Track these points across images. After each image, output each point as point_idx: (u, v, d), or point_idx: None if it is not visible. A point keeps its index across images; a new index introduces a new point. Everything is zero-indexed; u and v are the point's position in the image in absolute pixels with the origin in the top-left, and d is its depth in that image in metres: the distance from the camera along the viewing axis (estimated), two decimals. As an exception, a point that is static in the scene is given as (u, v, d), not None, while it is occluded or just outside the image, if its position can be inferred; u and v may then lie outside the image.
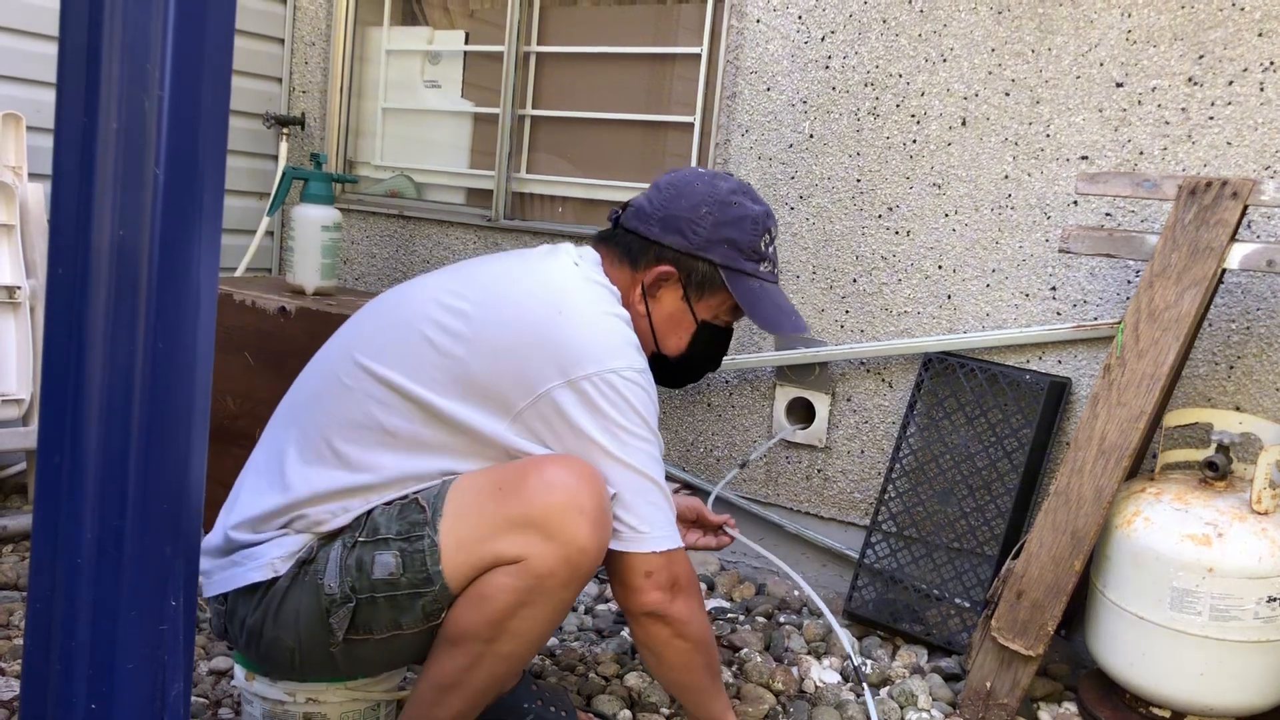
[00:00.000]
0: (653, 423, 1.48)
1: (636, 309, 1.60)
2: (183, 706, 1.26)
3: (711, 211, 1.57)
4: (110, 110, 1.10)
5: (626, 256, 1.61)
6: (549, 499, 1.37)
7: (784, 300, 1.66)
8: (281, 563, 1.45)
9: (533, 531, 1.37)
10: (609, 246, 1.64)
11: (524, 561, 1.37)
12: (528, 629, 1.41)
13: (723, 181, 1.62)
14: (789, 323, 1.63)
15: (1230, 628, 1.84)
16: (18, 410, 2.54)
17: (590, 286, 1.53)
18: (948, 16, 2.45)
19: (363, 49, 3.52)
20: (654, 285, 1.60)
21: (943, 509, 2.40)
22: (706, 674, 1.60)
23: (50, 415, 1.17)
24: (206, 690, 1.89)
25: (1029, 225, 2.38)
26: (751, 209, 1.61)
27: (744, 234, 1.59)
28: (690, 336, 1.65)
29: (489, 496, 1.40)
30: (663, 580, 1.47)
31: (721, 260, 1.59)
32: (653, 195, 1.61)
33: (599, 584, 2.55)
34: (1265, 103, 2.13)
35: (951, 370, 2.43)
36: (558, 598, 1.40)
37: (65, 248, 1.14)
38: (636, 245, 1.60)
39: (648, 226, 1.59)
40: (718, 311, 1.64)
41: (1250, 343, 2.17)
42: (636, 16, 3.02)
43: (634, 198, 1.65)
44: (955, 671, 2.20)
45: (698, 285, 1.60)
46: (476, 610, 1.39)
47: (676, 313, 1.62)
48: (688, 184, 1.60)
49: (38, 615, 1.18)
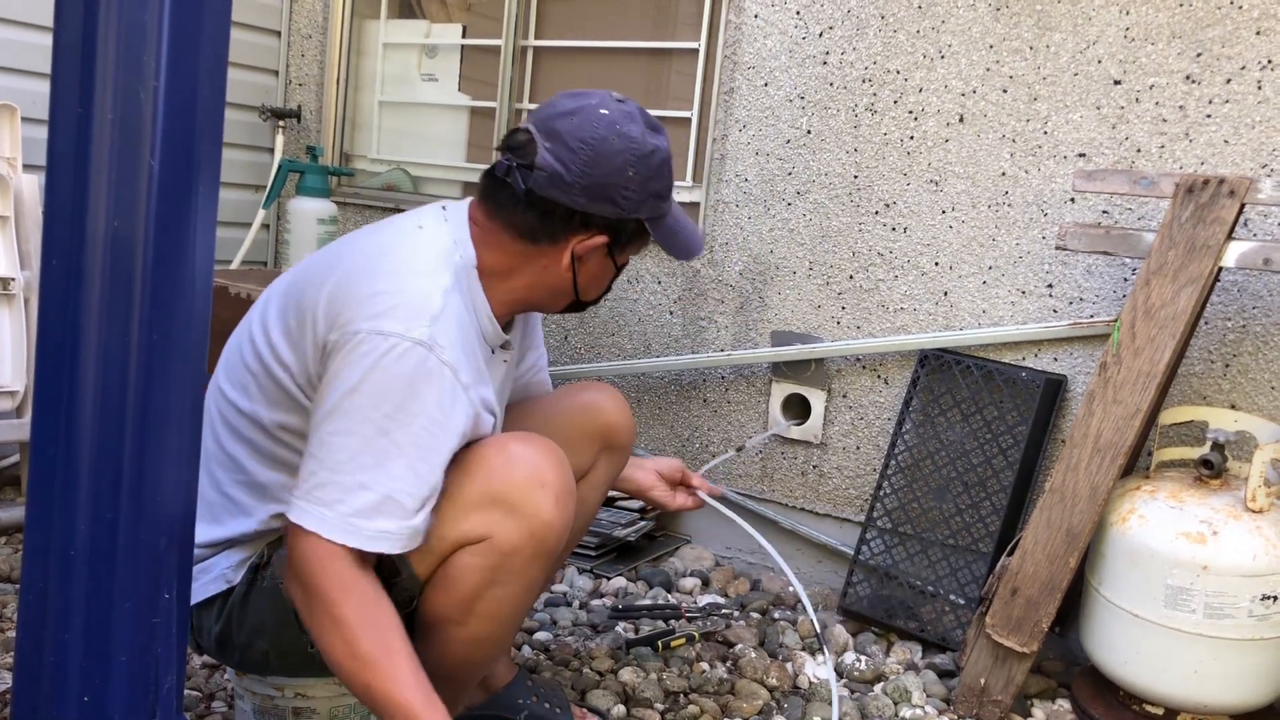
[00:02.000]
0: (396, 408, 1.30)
1: (561, 275, 1.49)
2: (175, 699, 1.26)
3: (638, 171, 1.44)
4: (105, 101, 1.10)
5: (543, 226, 1.45)
6: (511, 475, 1.37)
7: (684, 218, 1.58)
8: (233, 571, 1.45)
9: (495, 508, 1.36)
10: (500, 209, 1.46)
11: (489, 539, 1.36)
12: (498, 609, 1.41)
13: (630, 125, 1.45)
14: (696, 242, 1.58)
15: (1224, 625, 1.84)
16: (11, 402, 2.53)
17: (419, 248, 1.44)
18: (946, 13, 2.45)
19: (359, 42, 3.52)
20: (585, 255, 1.49)
21: (938, 505, 2.40)
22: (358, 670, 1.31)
23: (44, 407, 1.16)
24: (200, 683, 1.88)
25: (1026, 222, 2.38)
26: (663, 147, 1.49)
27: (664, 180, 1.50)
28: (610, 281, 1.59)
29: (451, 479, 1.39)
30: (300, 559, 1.31)
31: (649, 214, 1.50)
32: (566, 158, 1.41)
33: (593, 579, 2.55)
34: (1263, 101, 2.13)
35: (947, 367, 2.43)
36: (525, 574, 1.39)
37: (60, 239, 1.14)
38: (558, 214, 1.44)
39: (571, 196, 1.42)
40: (636, 253, 1.58)
41: (1246, 341, 2.17)
42: (634, 11, 3.01)
43: (536, 152, 1.42)
44: (949, 668, 2.20)
45: (624, 241, 1.51)
46: (445, 593, 1.39)
47: (601, 270, 1.54)
48: (603, 141, 1.42)
49: (31, 608, 1.17)
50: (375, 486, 1.29)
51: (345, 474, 1.29)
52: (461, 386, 1.36)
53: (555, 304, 1.56)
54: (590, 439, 1.74)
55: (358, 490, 1.28)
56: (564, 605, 2.38)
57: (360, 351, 1.30)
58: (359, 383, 1.29)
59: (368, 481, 1.28)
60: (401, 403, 1.30)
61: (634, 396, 2.93)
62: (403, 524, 1.31)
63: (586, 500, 1.77)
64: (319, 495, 1.29)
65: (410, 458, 1.30)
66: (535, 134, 1.43)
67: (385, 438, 1.29)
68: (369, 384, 1.29)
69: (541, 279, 1.50)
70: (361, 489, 1.28)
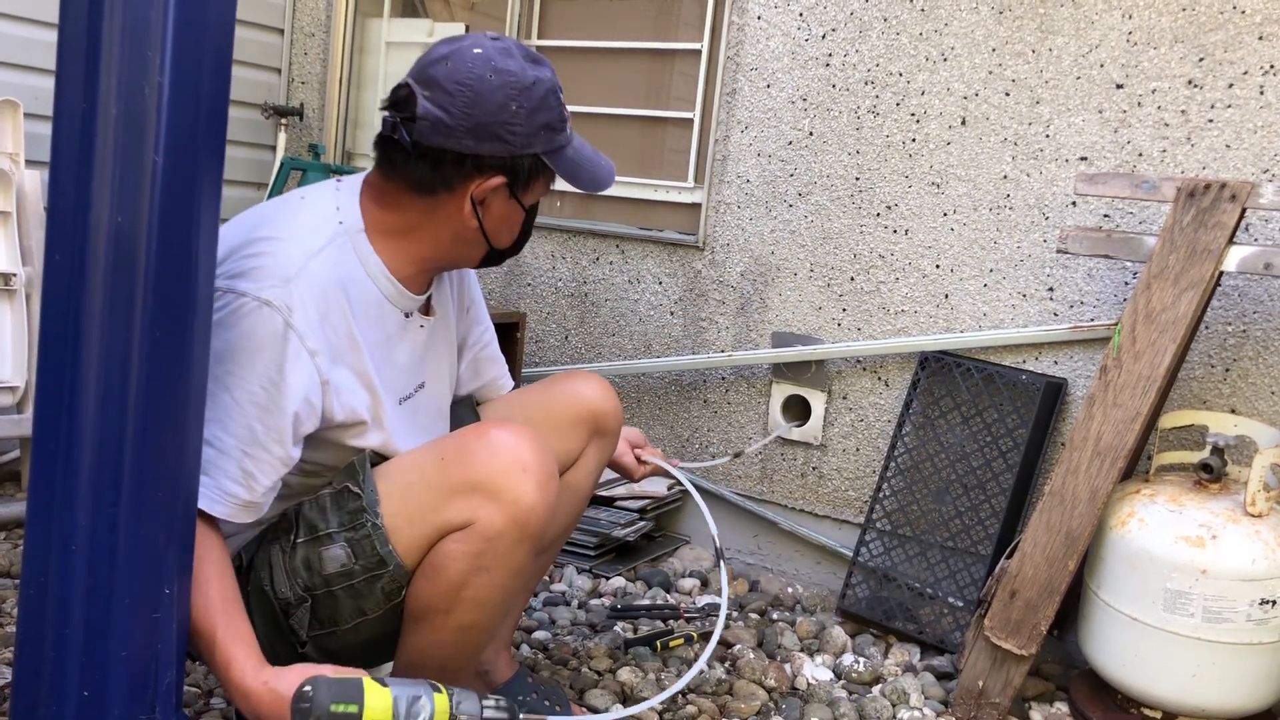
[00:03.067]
0: (236, 366, 1.32)
1: (465, 223, 1.47)
2: (175, 695, 1.26)
3: (521, 105, 1.41)
4: (110, 96, 1.10)
5: (436, 175, 1.43)
6: (492, 461, 1.37)
7: (588, 150, 1.54)
8: None
9: (478, 494, 1.36)
10: (395, 168, 1.45)
11: (473, 525, 1.36)
12: (485, 596, 1.41)
13: (507, 60, 1.42)
14: (601, 174, 1.54)
15: (1223, 629, 1.84)
16: (12, 398, 2.53)
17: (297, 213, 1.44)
18: (949, 16, 2.45)
19: (363, 40, 3.52)
20: (485, 198, 1.46)
21: (937, 508, 2.40)
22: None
23: (46, 403, 1.16)
24: (199, 679, 1.88)
25: (1027, 225, 2.38)
26: (547, 78, 1.45)
27: (553, 111, 1.46)
28: (520, 225, 1.56)
29: (433, 467, 1.40)
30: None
31: (542, 148, 1.46)
32: (446, 102, 1.40)
33: (592, 579, 2.56)
34: (1265, 106, 2.13)
35: (948, 369, 2.43)
36: (511, 559, 1.39)
37: (63, 233, 1.14)
38: (447, 160, 1.42)
39: (457, 140, 1.40)
40: (542, 191, 1.54)
41: (1246, 345, 2.17)
42: (637, 11, 3.01)
43: (417, 104, 1.41)
44: (948, 670, 2.20)
45: (524, 179, 1.47)
46: (432, 581, 1.39)
47: (507, 212, 1.50)
48: (479, 79, 1.39)
49: (31, 602, 1.17)
50: (214, 442, 1.31)
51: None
52: (307, 352, 1.35)
53: (471, 255, 1.54)
54: (579, 426, 1.74)
55: (204, 445, 1.30)
56: (563, 605, 2.38)
57: (216, 308, 1.30)
58: (216, 341, 1.30)
59: (209, 436, 1.31)
60: (243, 360, 1.32)
61: (634, 397, 2.93)
62: (225, 484, 1.33)
63: (580, 488, 1.77)
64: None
65: (249, 416, 1.32)
66: (414, 86, 1.42)
67: (228, 394, 1.32)
68: (218, 341, 1.30)
69: (447, 231, 1.48)
70: (205, 444, 1.30)
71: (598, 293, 2.98)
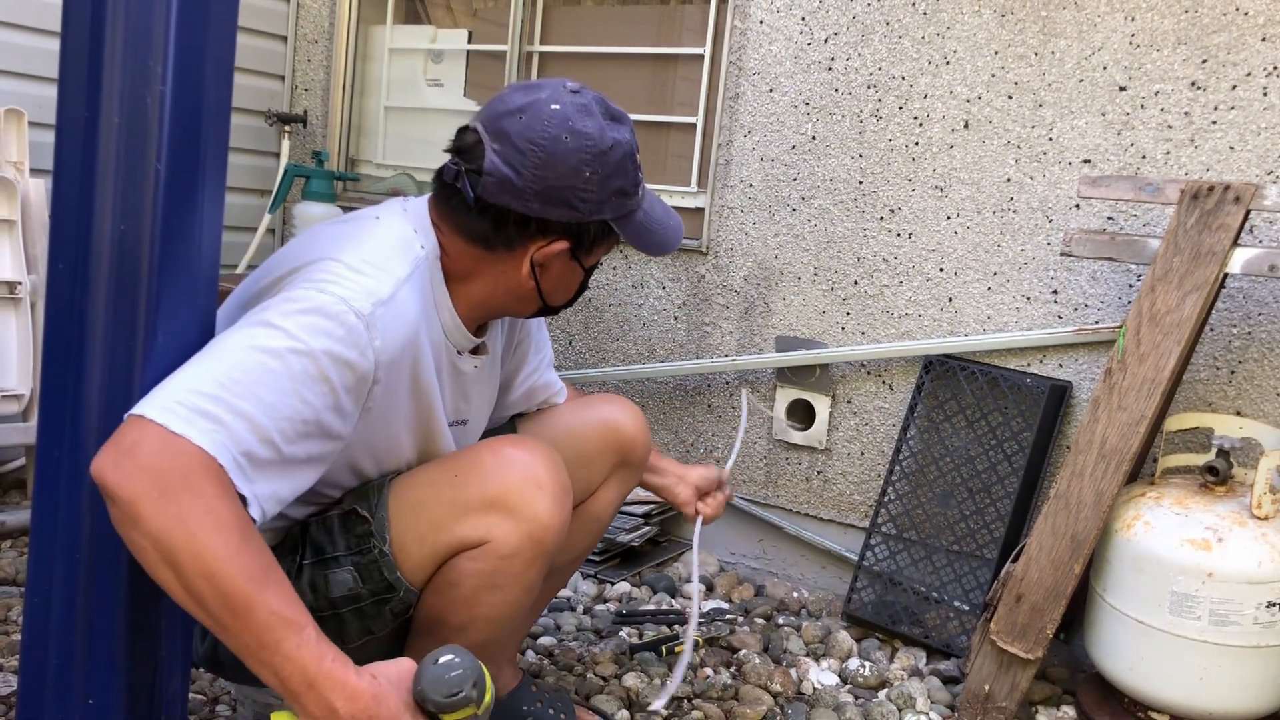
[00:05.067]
0: (306, 346, 1.16)
1: (522, 284, 1.41)
2: (179, 704, 1.26)
3: (596, 171, 1.34)
4: (112, 104, 1.10)
5: (498, 234, 1.36)
6: (507, 478, 1.36)
7: (658, 210, 1.48)
8: None
9: (493, 512, 1.35)
10: (454, 213, 1.38)
11: (487, 544, 1.35)
12: (498, 613, 1.40)
13: (584, 119, 1.35)
14: (671, 235, 1.47)
15: (1229, 632, 1.84)
16: (17, 406, 2.53)
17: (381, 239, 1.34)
18: (951, 19, 2.45)
19: (365, 47, 3.52)
20: (545, 262, 1.40)
21: (942, 512, 2.40)
22: (192, 605, 1.06)
23: (50, 411, 1.17)
24: (204, 687, 1.88)
25: (1031, 228, 2.38)
26: (625, 140, 1.39)
27: (628, 176, 1.40)
28: (578, 285, 1.50)
29: (445, 485, 1.38)
30: (121, 445, 1.05)
31: (612, 214, 1.40)
32: (516, 161, 1.32)
33: (597, 584, 2.55)
34: (1268, 107, 2.13)
35: (952, 373, 2.42)
36: (524, 577, 1.38)
37: (66, 242, 1.14)
38: (512, 220, 1.35)
39: (523, 202, 1.33)
40: (605, 253, 1.49)
41: (1251, 347, 2.17)
42: (640, 17, 3.01)
43: (484, 156, 1.34)
44: (954, 674, 2.19)
45: (589, 243, 1.42)
46: (445, 598, 1.38)
47: (565, 274, 1.44)
48: (554, 140, 1.32)
49: (36, 611, 1.17)
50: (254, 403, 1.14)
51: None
52: (373, 381, 1.24)
53: (523, 309, 1.49)
54: (606, 454, 1.72)
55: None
56: (568, 610, 2.38)
57: (292, 296, 1.20)
58: (276, 309, 1.18)
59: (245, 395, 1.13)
60: (307, 350, 1.16)
61: (638, 401, 2.93)
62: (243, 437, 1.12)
63: (599, 517, 1.75)
64: (170, 388, 1.12)
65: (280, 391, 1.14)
66: (483, 134, 1.35)
67: (278, 361, 1.14)
68: (289, 318, 1.17)
69: (502, 285, 1.42)
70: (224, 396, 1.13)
71: (602, 297, 2.98)
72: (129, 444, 1.05)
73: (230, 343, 1.14)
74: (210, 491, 1.05)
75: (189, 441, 1.05)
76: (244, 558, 1.05)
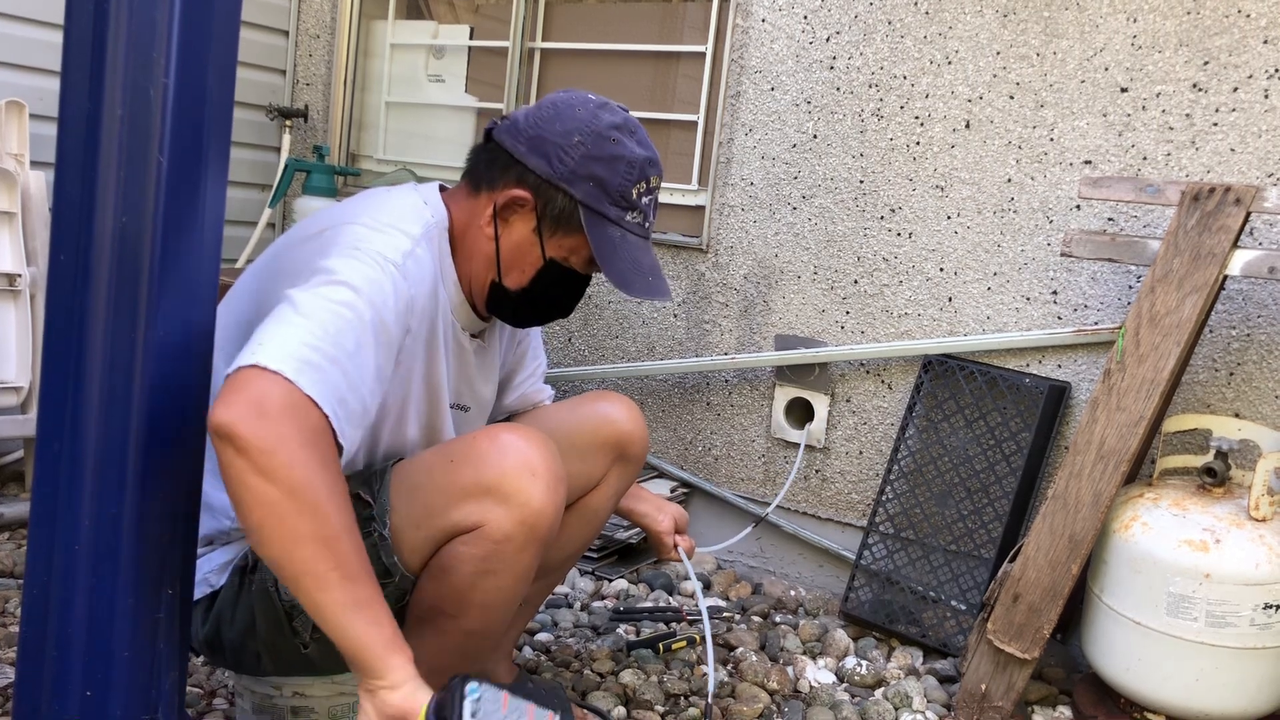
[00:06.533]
0: (364, 295, 1.25)
1: (484, 230, 1.46)
2: (177, 695, 1.26)
3: (584, 142, 1.42)
4: (115, 97, 1.10)
5: (486, 172, 1.47)
6: (502, 464, 1.37)
7: (647, 258, 1.49)
8: (216, 575, 1.45)
9: (486, 497, 1.35)
10: (471, 166, 1.51)
11: (481, 528, 1.36)
12: (491, 599, 1.40)
13: (609, 114, 1.45)
14: (642, 284, 1.46)
15: (1226, 634, 1.84)
16: (16, 398, 2.53)
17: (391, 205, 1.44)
18: (953, 19, 2.45)
19: (367, 42, 3.52)
20: (506, 208, 1.45)
21: (940, 511, 2.40)
22: (321, 555, 1.12)
23: (49, 403, 1.17)
24: (201, 680, 1.89)
25: (1031, 229, 2.38)
26: (631, 151, 1.44)
27: (614, 175, 1.43)
28: (535, 273, 1.48)
29: (441, 470, 1.39)
30: (249, 396, 1.11)
31: (582, 197, 1.42)
32: (532, 111, 1.47)
33: (595, 581, 2.55)
34: (1270, 110, 2.13)
35: (951, 373, 2.43)
36: (518, 563, 1.39)
37: (68, 234, 1.14)
38: (500, 161, 1.45)
39: (515, 143, 1.44)
40: (571, 254, 1.48)
41: (1250, 349, 2.17)
42: (641, 14, 3.01)
43: (518, 109, 1.51)
44: (950, 674, 2.20)
45: (553, 219, 1.44)
46: (439, 584, 1.39)
47: (524, 244, 1.46)
48: (569, 106, 1.45)
49: (34, 603, 1.17)
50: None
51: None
52: (405, 331, 1.35)
53: (481, 275, 1.49)
54: (603, 449, 1.73)
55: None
56: (565, 607, 2.38)
57: (326, 267, 1.28)
58: (325, 264, 1.28)
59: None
60: (354, 300, 1.25)
61: (637, 399, 2.93)
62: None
63: (597, 511, 1.76)
64: (279, 337, 1.21)
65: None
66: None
67: (351, 312, 1.24)
68: (337, 271, 1.27)
69: (478, 244, 1.48)
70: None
71: (601, 295, 2.98)
72: (256, 395, 1.12)
73: (304, 301, 1.22)
74: (332, 454, 1.17)
75: (305, 394, 1.14)
76: (356, 536, 1.17)
